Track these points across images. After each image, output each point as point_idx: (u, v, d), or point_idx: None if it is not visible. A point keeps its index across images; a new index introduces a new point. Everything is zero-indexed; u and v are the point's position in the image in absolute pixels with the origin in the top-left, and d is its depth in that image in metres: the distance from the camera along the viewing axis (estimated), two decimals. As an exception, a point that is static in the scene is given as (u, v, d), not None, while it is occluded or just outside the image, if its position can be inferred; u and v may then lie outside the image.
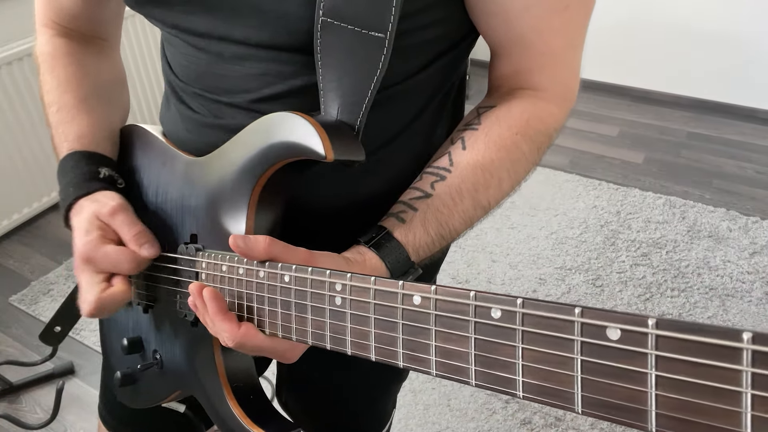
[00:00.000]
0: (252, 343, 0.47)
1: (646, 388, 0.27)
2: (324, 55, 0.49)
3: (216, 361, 0.55)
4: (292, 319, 0.45)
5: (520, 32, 0.53)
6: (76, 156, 0.60)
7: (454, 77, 0.62)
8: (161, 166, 0.62)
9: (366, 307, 0.40)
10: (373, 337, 0.40)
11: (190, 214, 0.57)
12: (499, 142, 0.54)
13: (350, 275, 0.41)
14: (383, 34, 0.47)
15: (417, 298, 0.37)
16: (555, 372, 0.30)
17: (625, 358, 0.27)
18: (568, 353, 0.30)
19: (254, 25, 0.50)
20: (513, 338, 0.32)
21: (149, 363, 0.62)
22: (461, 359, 0.35)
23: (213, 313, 0.47)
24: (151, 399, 0.66)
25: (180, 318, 0.58)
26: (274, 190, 0.52)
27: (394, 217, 0.53)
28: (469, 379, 0.34)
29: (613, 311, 0.28)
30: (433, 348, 0.36)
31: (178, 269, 0.57)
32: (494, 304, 0.32)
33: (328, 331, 0.43)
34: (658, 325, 0.26)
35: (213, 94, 0.57)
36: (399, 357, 0.38)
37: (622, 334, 0.27)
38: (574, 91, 0.59)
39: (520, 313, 0.31)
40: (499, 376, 0.33)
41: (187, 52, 0.57)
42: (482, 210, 0.54)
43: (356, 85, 0.49)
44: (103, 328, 0.73)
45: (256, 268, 0.48)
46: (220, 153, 0.55)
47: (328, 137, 0.45)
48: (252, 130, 0.51)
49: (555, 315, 0.30)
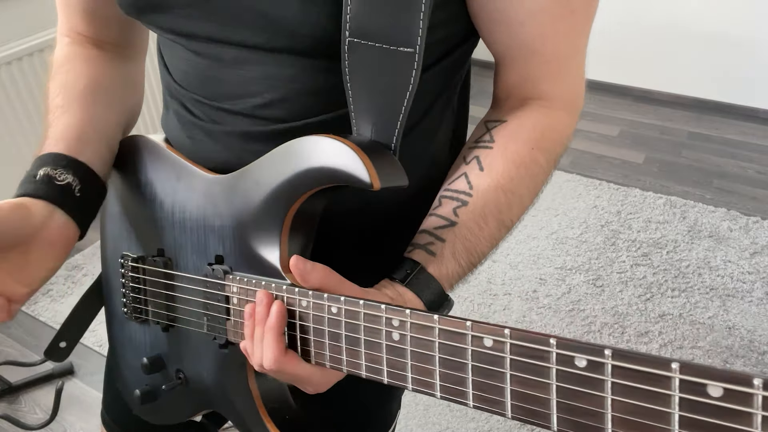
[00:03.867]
0: (292, 371, 0.46)
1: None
2: (353, 75, 0.48)
3: (250, 384, 0.54)
4: (343, 351, 0.44)
5: (524, 40, 0.52)
6: (33, 161, 0.57)
7: (458, 77, 0.61)
8: (176, 182, 0.60)
9: (430, 346, 0.38)
10: (438, 376, 0.38)
11: (215, 235, 0.55)
12: (517, 160, 0.53)
13: (409, 311, 0.39)
14: (412, 48, 0.46)
15: (488, 341, 0.35)
16: (651, 425, 0.30)
17: (728, 416, 0.27)
18: (665, 408, 0.29)
19: (254, 28, 0.50)
20: (602, 388, 0.31)
21: (174, 383, 0.60)
22: (541, 404, 0.34)
23: (272, 329, 0.46)
24: (175, 416, 0.65)
25: (208, 339, 0.56)
26: (307, 214, 0.50)
27: (423, 249, 0.51)
28: (549, 424, 0.33)
29: (713, 368, 0.27)
30: (507, 392, 0.35)
31: (205, 291, 0.55)
32: (578, 353, 0.31)
33: (385, 366, 0.42)
34: (765, 386, 0.26)
35: (214, 101, 0.57)
36: (468, 397, 0.37)
37: (724, 392, 0.27)
38: (581, 96, 0.58)
39: (609, 365, 0.30)
40: (584, 425, 0.32)
41: (186, 57, 0.57)
42: (506, 230, 0.54)
43: (388, 104, 0.48)
44: (116, 343, 0.71)
45: (298, 296, 0.46)
46: (247, 173, 0.53)
47: (373, 165, 0.43)
48: (284, 152, 0.49)
49: (650, 370, 0.29)
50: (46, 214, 0.53)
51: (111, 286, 0.70)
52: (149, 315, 0.63)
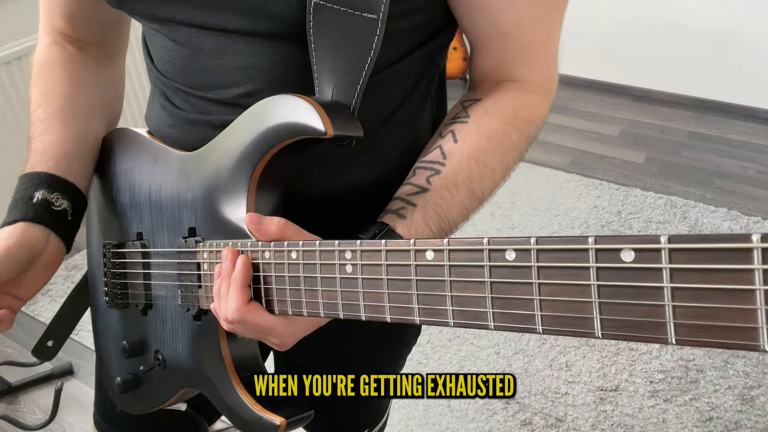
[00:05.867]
0: (255, 321, 0.48)
1: (664, 302, 0.28)
2: (317, 37, 0.49)
3: (222, 351, 0.55)
4: (302, 294, 0.46)
5: (502, 27, 0.54)
6: (22, 178, 0.60)
7: (435, 68, 0.63)
8: (153, 165, 0.61)
9: (378, 270, 0.41)
10: (387, 298, 0.41)
11: (187, 208, 0.57)
12: (490, 133, 0.55)
13: (360, 242, 0.42)
14: (376, 15, 0.48)
15: (430, 254, 0.38)
16: (573, 302, 0.31)
17: (641, 278, 0.29)
18: (584, 281, 0.31)
19: (235, 12, 0.50)
20: (529, 276, 0.33)
21: (152, 364, 0.62)
22: (478, 305, 0.36)
23: (236, 280, 0.48)
24: (154, 402, 0.65)
25: (182, 313, 0.58)
26: (272, 174, 0.52)
27: (394, 213, 0.53)
28: (487, 322, 0.36)
29: (626, 235, 0.29)
30: (449, 299, 0.37)
31: (179, 263, 0.57)
32: (508, 245, 0.34)
33: (340, 300, 0.44)
34: (671, 240, 0.28)
35: (197, 90, 0.57)
36: (415, 313, 0.39)
37: (636, 255, 0.29)
38: (554, 81, 0.61)
39: (534, 250, 0.32)
40: (517, 315, 0.34)
41: (168, 46, 0.57)
42: (477, 201, 0.56)
43: (350, 67, 0.50)
44: (98, 334, 0.72)
45: (261, 248, 0.48)
46: (215, 144, 0.55)
47: (326, 114, 0.46)
48: (247, 116, 0.51)
49: (569, 246, 0.31)
50: (44, 239, 0.57)
51: (95, 279, 0.71)
52: (129, 298, 0.64)
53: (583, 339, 1.76)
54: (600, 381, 1.64)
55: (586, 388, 1.62)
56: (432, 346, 1.75)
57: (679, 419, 1.53)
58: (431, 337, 1.77)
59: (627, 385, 1.63)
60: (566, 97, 3.05)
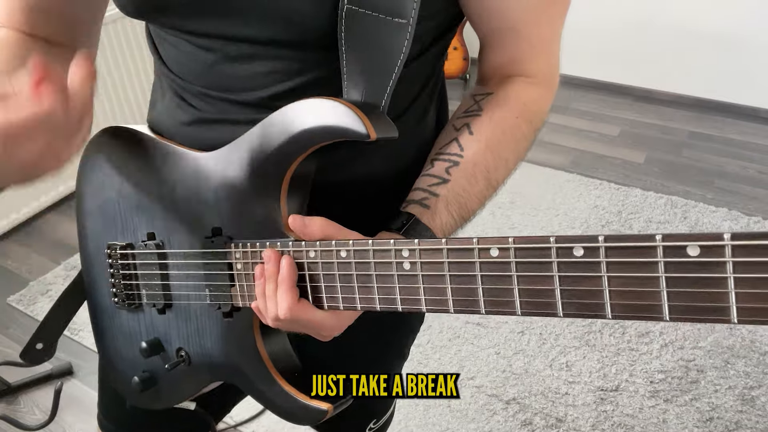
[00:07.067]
0: (306, 317, 0.50)
1: (727, 289, 0.33)
2: (348, 42, 0.51)
3: (258, 346, 0.57)
4: (355, 290, 0.48)
5: (513, 23, 0.57)
6: None
7: (440, 65, 0.65)
8: (162, 164, 0.61)
9: (440, 267, 0.43)
10: (450, 292, 0.43)
11: (209, 208, 0.57)
12: (503, 126, 0.59)
13: (418, 240, 0.44)
14: (406, 19, 0.50)
15: (494, 251, 0.40)
16: (642, 291, 0.35)
17: (706, 269, 0.33)
18: (653, 273, 0.35)
19: (267, 24, 0.51)
20: (598, 270, 0.36)
21: (176, 361, 0.62)
22: (547, 296, 0.39)
23: (285, 280, 0.49)
24: (178, 396, 0.66)
25: (210, 311, 0.59)
26: (303, 175, 0.53)
27: (418, 204, 0.55)
28: (555, 311, 0.39)
29: (689, 233, 0.33)
30: (516, 291, 0.40)
31: (205, 263, 0.57)
32: (576, 243, 0.37)
33: (398, 295, 0.46)
34: (733, 237, 0.32)
35: (219, 92, 0.57)
36: (480, 305, 0.42)
37: (701, 250, 0.33)
38: (557, 76, 0.64)
39: (603, 247, 0.36)
40: (586, 304, 0.37)
41: (189, 50, 0.56)
42: (492, 189, 0.58)
43: (380, 70, 0.52)
44: (104, 337, 0.71)
45: (305, 248, 0.50)
46: (241, 144, 0.55)
47: (367, 117, 0.47)
48: (279, 118, 0.52)
49: (638, 243, 0.35)
50: None
51: (94, 280, 0.70)
52: (143, 299, 0.64)
53: (583, 339, 1.75)
54: (600, 381, 1.64)
55: (587, 388, 1.62)
56: (432, 347, 1.74)
57: (680, 419, 1.53)
58: (431, 338, 1.77)
59: (627, 385, 1.62)
60: (567, 97, 3.05)
